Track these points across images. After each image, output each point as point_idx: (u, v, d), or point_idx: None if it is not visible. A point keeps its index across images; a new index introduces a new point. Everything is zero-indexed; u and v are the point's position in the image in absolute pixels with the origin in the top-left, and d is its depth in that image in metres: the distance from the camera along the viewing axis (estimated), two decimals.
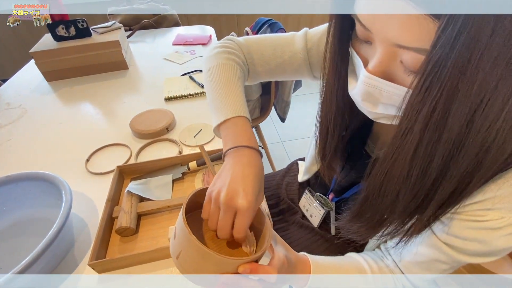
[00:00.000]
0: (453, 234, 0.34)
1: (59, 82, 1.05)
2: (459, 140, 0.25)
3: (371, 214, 0.35)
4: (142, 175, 0.64)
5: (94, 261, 0.44)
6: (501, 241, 0.31)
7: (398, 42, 0.25)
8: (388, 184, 0.31)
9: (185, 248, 0.32)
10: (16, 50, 2.12)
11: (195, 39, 1.34)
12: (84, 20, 1.03)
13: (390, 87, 0.29)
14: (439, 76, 0.22)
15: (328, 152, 0.45)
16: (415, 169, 0.27)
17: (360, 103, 0.33)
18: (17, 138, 0.79)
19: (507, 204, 0.30)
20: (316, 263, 0.42)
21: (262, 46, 0.52)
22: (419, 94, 0.24)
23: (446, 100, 0.23)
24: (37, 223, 0.53)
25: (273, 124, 1.93)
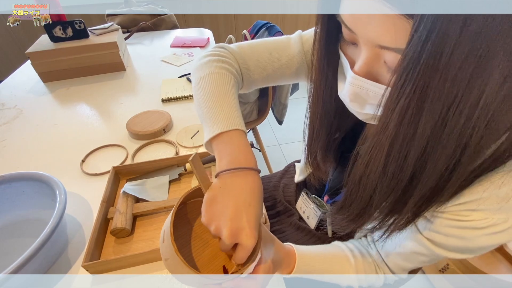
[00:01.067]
0: (436, 230, 0.35)
1: (56, 83, 1.04)
2: (434, 137, 0.25)
3: (352, 207, 0.36)
4: (138, 176, 0.63)
5: (88, 262, 0.44)
6: (482, 239, 0.32)
7: (379, 43, 0.26)
8: (367, 178, 0.31)
9: (173, 259, 0.32)
10: (11, 51, 2.11)
11: (193, 41, 1.34)
12: (82, 21, 1.03)
13: (375, 87, 0.29)
14: (412, 74, 0.23)
15: (314, 153, 0.46)
16: (391, 165, 0.28)
17: (348, 104, 0.33)
18: (12, 138, 0.78)
19: (492, 205, 0.30)
20: (302, 254, 0.44)
21: (257, 52, 0.49)
22: (395, 91, 0.24)
23: (419, 97, 0.23)
24: (31, 224, 0.53)
25: (271, 127, 1.93)
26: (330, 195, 0.58)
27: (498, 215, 0.30)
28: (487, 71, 0.21)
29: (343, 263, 0.46)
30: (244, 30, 1.23)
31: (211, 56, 0.46)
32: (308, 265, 0.43)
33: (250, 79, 0.51)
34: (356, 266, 0.46)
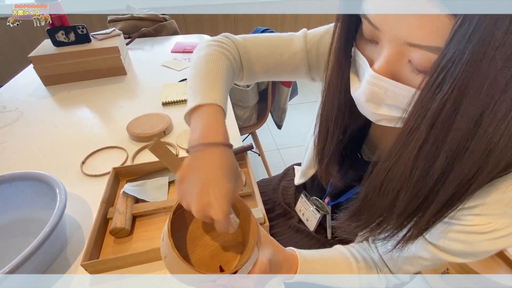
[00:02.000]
0: (439, 235, 0.35)
1: (57, 87, 1.05)
2: (465, 140, 0.24)
3: (369, 214, 0.35)
4: (138, 177, 0.63)
5: (87, 261, 0.43)
6: (485, 244, 0.32)
7: (410, 40, 0.25)
8: (389, 183, 0.30)
9: (170, 256, 0.33)
10: (13, 56, 2.13)
11: (193, 47, 1.36)
12: (84, 26, 1.05)
13: (396, 87, 0.28)
14: (452, 73, 0.22)
15: (327, 155, 0.45)
16: (418, 169, 0.27)
17: (363, 104, 0.32)
18: (13, 140, 0.79)
19: (495, 210, 0.30)
20: (304, 258, 0.43)
21: (260, 45, 0.50)
22: (430, 91, 0.24)
23: (456, 98, 0.22)
24: (30, 223, 0.53)
25: (270, 131, 1.94)
26: (331, 197, 0.58)
27: (502, 220, 0.31)
28: None
29: (345, 267, 0.45)
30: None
31: (213, 41, 0.48)
32: (311, 269, 0.43)
33: (251, 71, 0.51)
34: (359, 270, 0.45)
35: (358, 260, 0.46)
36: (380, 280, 0.46)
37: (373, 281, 0.46)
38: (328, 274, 0.44)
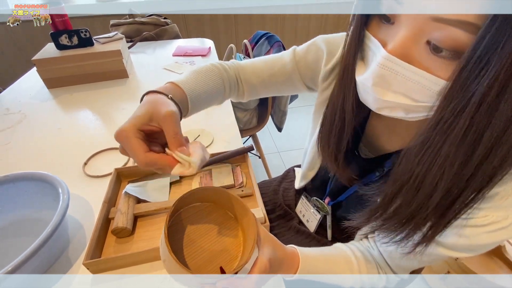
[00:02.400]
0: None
1: (60, 89, 1.06)
2: (506, 126, 0.23)
3: (401, 207, 0.33)
4: (140, 178, 0.64)
5: (89, 260, 0.44)
6: (483, 237, 0.32)
7: (438, 12, 0.23)
8: (427, 174, 0.28)
9: (168, 260, 0.33)
10: (15, 59, 2.15)
11: (195, 50, 1.37)
12: (87, 30, 1.06)
13: (409, 71, 0.26)
14: (499, 53, 0.20)
15: (343, 147, 0.43)
16: (459, 157, 0.25)
17: (369, 89, 0.31)
18: (16, 142, 0.79)
19: (492, 203, 0.31)
20: (305, 256, 0.43)
21: (255, 63, 0.56)
22: (476, 69, 0.21)
23: (505, 78, 0.20)
24: (33, 223, 0.53)
25: (270, 134, 1.95)
26: (331, 197, 0.58)
27: (498, 213, 0.31)
28: None
29: (345, 265, 0.46)
30: (244, 40, 1.26)
31: (213, 62, 0.53)
32: (311, 266, 0.43)
33: (249, 84, 0.56)
34: (359, 267, 0.46)
35: (359, 257, 0.46)
36: (381, 278, 0.46)
37: (374, 278, 0.46)
38: (329, 269, 0.44)
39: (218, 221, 0.41)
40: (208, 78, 0.49)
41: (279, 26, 2.29)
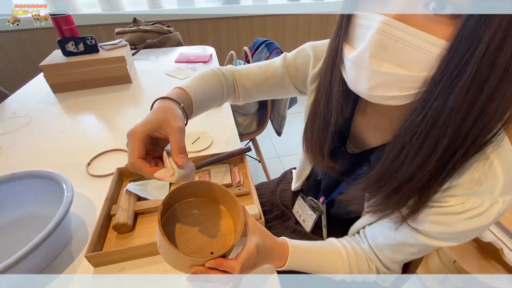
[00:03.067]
0: (420, 219, 0.37)
1: (65, 94, 1.10)
2: (499, 81, 0.24)
3: (395, 176, 0.34)
4: (141, 177, 0.66)
5: (91, 253, 0.46)
6: (462, 224, 0.34)
7: None
8: (434, 128, 0.29)
9: (163, 245, 0.36)
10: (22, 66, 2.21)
11: (197, 57, 1.41)
12: (93, 38, 1.11)
13: (409, 34, 0.26)
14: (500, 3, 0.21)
15: (328, 139, 0.46)
16: (463, 109, 0.26)
17: (365, 61, 0.29)
18: (22, 143, 0.82)
19: (467, 190, 0.33)
20: (295, 247, 0.45)
21: (249, 68, 0.61)
22: (479, 22, 0.22)
23: (505, 30, 0.21)
24: (37, 219, 0.55)
25: (271, 139, 1.97)
26: (325, 194, 0.60)
27: (473, 199, 0.33)
28: None
29: (336, 256, 0.47)
30: (244, 47, 1.30)
31: (215, 67, 0.58)
32: (302, 257, 0.45)
33: (244, 87, 0.60)
34: (349, 259, 0.47)
35: (349, 250, 0.48)
36: (371, 271, 0.48)
37: (364, 270, 0.47)
38: (319, 261, 0.46)
39: (211, 214, 0.44)
40: (210, 83, 0.53)
41: (280, 33, 2.34)
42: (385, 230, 0.44)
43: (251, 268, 0.40)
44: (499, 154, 0.32)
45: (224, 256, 0.37)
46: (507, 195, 0.33)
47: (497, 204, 0.33)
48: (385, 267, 0.47)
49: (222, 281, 0.37)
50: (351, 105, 0.47)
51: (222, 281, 0.37)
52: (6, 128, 0.89)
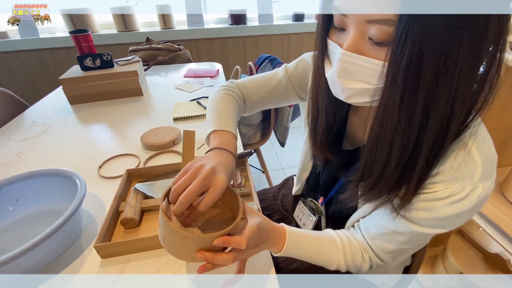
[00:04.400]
0: (409, 207, 0.40)
1: (81, 105, 1.17)
2: (433, 87, 0.29)
3: (373, 169, 0.39)
4: (148, 179, 0.70)
5: (100, 243, 0.49)
6: (446, 209, 0.37)
7: (369, 18, 0.31)
8: (383, 134, 0.35)
9: (167, 234, 0.38)
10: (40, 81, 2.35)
11: (204, 72, 1.49)
12: (109, 54, 1.20)
13: (362, 61, 0.34)
14: (411, 32, 0.27)
15: (319, 132, 0.51)
16: (403, 116, 0.32)
17: (336, 81, 0.38)
18: (39, 149, 0.88)
19: (449, 176, 0.36)
20: (292, 232, 0.48)
21: (254, 81, 0.65)
22: (397, 47, 0.29)
23: (418, 50, 0.28)
24: (52, 214, 0.59)
25: (275, 152, 2.01)
26: (323, 193, 0.63)
27: (455, 185, 0.36)
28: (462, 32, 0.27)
29: (331, 243, 0.49)
30: (249, 62, 1.37)
31: (222, 88, 0.63)
32: (298, 241, 0.47)
33: (250, 101, 0.65)
34: (343, 247, 0.49)
35: (343, 239, 0.50)
36: (365, 261, 0.49)
37: (358, 260, 0.49)
38: (314, 247, 0.48)
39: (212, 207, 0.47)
40: (234, 109, 0.58)
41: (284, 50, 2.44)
42: (376, 220, 0.46)
43: (254, 248, 0.42)
44: (476, 142, 0.35)
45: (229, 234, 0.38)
46: (486, 181, 0.35)
47: (477, 189, 0.35)
48: (378, 257, 0.49)
49: (228, 261, 0.38)
50: (346, 106, 0.51)
51: (228, 261, 0.38)
52: (26, 135, 0.96)
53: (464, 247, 1.04)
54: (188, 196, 0.37)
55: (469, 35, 0.27)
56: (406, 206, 0.40)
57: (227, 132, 0.52)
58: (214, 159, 0.43)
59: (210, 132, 0.52)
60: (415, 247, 0.49)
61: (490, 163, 0.35)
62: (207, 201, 0.38)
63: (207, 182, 0.38)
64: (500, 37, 0.29)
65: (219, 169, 0.40)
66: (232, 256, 0.39)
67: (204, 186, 0.38)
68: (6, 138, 0.95)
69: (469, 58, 0.29)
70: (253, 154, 1.51)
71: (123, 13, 2.17)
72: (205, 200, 0.39)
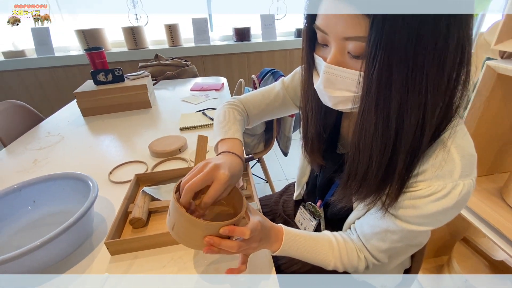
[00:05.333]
0: (397, 205, 0.42)
1: (93, 117, 1.24)
2: (404, 94, 0.33)
3: (357, 172, 0.42)
4: (155, 183, 0.74)
5: (110, 240, 0.52)
6: (430, 206, 0.39)
7: (345, 35, 0.35)
8: (364, 139, 0.38)
9: (177, 220, 0.41)
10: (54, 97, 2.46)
11: (210, 86, 1.56)
12: (120, 69, 1.27)
13: (343, 72, 0.38)
14: (379, 48, 0.31)
15: (310, 137, 0.55)
16: (380, 121, 0.35)
17: (322, 91, 0.42)
18: (54, 157, 0.93)
19: (431, 174, 0.39)
20: (288, 231, 0.50)
21: (254, 96, 0.71)
22: (370, 63, 0.33)
23: (387, 62, 0.31)
24: (66, 215, 0.62)
25: (279, 163, 2.03)
26: (320, 195, 0.65)
27: (437, 182, 0.38)
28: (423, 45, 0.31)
29: (327, 243, 0.51)
30: (253, 75, 1.43)
31: (226, 103, 0.69)
32: (295, 240, 0.49)
33: (252, 114, 0.71)
34: (339, 247, 0.51)
35: (339, 239, 0.52)
36: (360, 260, 0.51)
37: (354, 259, 0.51)
38: (310, 246, 0.50)
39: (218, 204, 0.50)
40: (239, 120, 0.64)
41: (288, 65, 2.52)
42: (370, 220, 0.49)
43: (256, 242, 0.44)
44: (455, 142, 0.38)
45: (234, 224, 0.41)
46: (466, 179, 0.38)
47: (458, 187, 0.38)
48: (373, 256, 0.51)
49: (233, 247, 0.41)
50: (335, 112, 0.55)
51: (233, 247, 0.41)
52: (42, 145, 1.02)
53: (469, 255, 1.04)
54: (191, 186, 0.41)
55: (431, 49, 0.31)
56: (393, 205, 0.42)
57: (234, 139, 0.56)
58: (221, 159, 0.47)
59: (218, 141, 0.57)
60: (409, 247, 0.50)
61: (469, 161, 0.38)
62: (211, 193, 0.42)
63: (211, 176, 0.42)
64: (463, 51, 0.33)
65: (223, 166, 0.44)
66: (237, 244, 0.41)
67: (208, 179, 0.42)
68: (23, 148, 1.01)
69: (434, 68, 0.32)
70: (257, 164, 1.55)
71: (133, 32, 2.30)
72: (209, 192, 0.42)
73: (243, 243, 0.42)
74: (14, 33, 2.33)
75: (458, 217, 0.92)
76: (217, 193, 0.42)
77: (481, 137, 0.86)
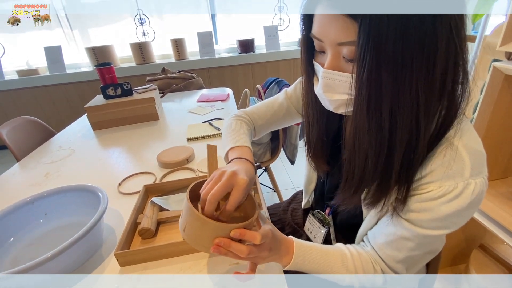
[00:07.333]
0: (409, 210, 0.41)
1: (103, 131, 1.27)
2: (395, 93, 0.33)
3: (355, 172, 0.42)
4: (164, 194, 0.74)
5: (120, 251, 0.52)
6: (444, 208, 0.38)
7: (338, 41, 0.37)
8: (358, 139, 0.39)
9: (189, 221, 0.41)
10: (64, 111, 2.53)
11: (216, 96, 1.58)
12: (129, 83, 1.31)
13: (340, 76, 0.40)
14: (367, 50, 0.32)
15: (312, 141, 0.56)
16: (372, 120, 0.36)
17: (322, 95, 0.43)
18: (65, 170, 0.95)
19: (440, 174, 0.38)
20: (300, 244, 0.49)
21: (259, 108, 0.73)
22: (360, 65, 0.34)
23: (376, 64, 0.32)
24: (76, 227, 0.63)
25: (286, 171, 2.02)
26: (329, 204, 0.64)
27: (448, 182, 0.38)
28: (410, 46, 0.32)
29: (340, 256, 0.49)
30: (257, 85, 1.45)
31: (233, 116, 0.71)
32: (306, 253, 0.48)
33: (258, 125, 0.73)
34: (353, 260, 0.49)
35: (352, 252, 0.50)
36: (376, 271, 0.48)
37: (369, 271, 0.48)
38: (323, 260, 0.48)
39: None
40: (247, 130, 0.66)
41: (292, 74, 2.54)
42: (383, 228, 0.47)
43: (267, 251, 0.43)
44: (461, 140, 0.38)
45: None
46: (478, 177, 0.37)
47: (470, 186, 0.37)
48: (390, 268, 0.48)
49: (242, 251, 0.40)
50: (338, 117, 0.55)
51: (243, 251, 0.40)
52: (53, 158, 1.04)
53: (487, 262, 1.00)
54: (215, 195, 0.40)
55: (419, 49, 0.32)
56: (404, 208, 0.41)
57: (244, 146, 0.58)
58: (235, 165, 0.48)
59: (228, 150, 0.58)
60: (426, 255, 0.48)
61: (478, 159, 0.37)
62: (233, 199, 0.42)
63: (231, 183, 0.42)
64: (456, 50, 0.33)
65: (240, 172, 0.44)
66: (248, 248, 0.40)
67: (229, 186, 0.42)
68: (36, 162, 1.03)
69: (423, 68, 0.33)
70: (264, 173, 1.54)
71: (141, 48, 2.37)
72: (231, 199, 0.42)
73: (254, 248, 0.41)
74: (27, 53, 2.44)
75: (474, 223, 0.89)
76: (238, 199, 0.42)
77: (493, 139, 0.84)
